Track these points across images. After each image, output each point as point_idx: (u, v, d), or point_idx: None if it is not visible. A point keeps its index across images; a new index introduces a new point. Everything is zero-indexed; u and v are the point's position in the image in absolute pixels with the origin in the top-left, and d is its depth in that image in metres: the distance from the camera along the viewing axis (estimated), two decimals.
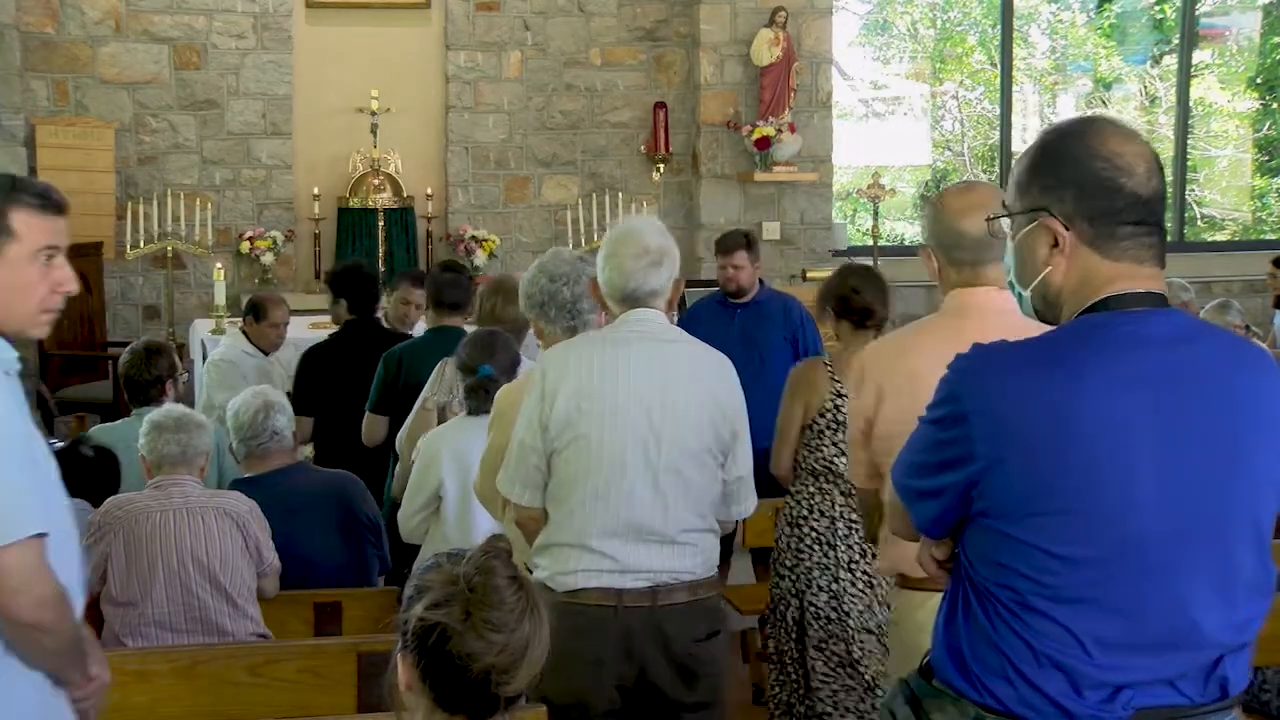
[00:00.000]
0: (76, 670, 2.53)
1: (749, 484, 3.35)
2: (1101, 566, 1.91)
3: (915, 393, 2.27)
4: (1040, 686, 1.94)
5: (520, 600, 1.88)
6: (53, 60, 8.69)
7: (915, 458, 2.08)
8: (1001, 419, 1.93)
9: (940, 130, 12.87)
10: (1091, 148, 1.98)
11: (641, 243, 3.19)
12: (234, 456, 4.55)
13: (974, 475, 1.96)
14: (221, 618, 3.87)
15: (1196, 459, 1.92)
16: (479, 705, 1.87)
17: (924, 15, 12.92)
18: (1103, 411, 1.90)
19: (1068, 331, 2.00)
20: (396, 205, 9.02)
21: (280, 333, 6.35)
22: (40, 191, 2.48)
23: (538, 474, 3.18)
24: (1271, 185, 12.35)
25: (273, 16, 8.96)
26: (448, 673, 1.85)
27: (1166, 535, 1.91)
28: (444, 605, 1.86)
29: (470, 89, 9.28)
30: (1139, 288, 1.98)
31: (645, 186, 9.44)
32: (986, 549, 1.99)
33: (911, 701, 2.10)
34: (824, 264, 9.05)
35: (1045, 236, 2.02)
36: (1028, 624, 1.95)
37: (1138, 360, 1.93)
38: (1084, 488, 1.90)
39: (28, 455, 2.39)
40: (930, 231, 2.94)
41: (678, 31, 9.42)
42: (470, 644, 1.84)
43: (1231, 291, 9.02)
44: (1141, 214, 1.98)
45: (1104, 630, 1.92)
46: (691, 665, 3.22)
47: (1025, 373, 1.94)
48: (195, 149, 8.94)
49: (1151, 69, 12.26)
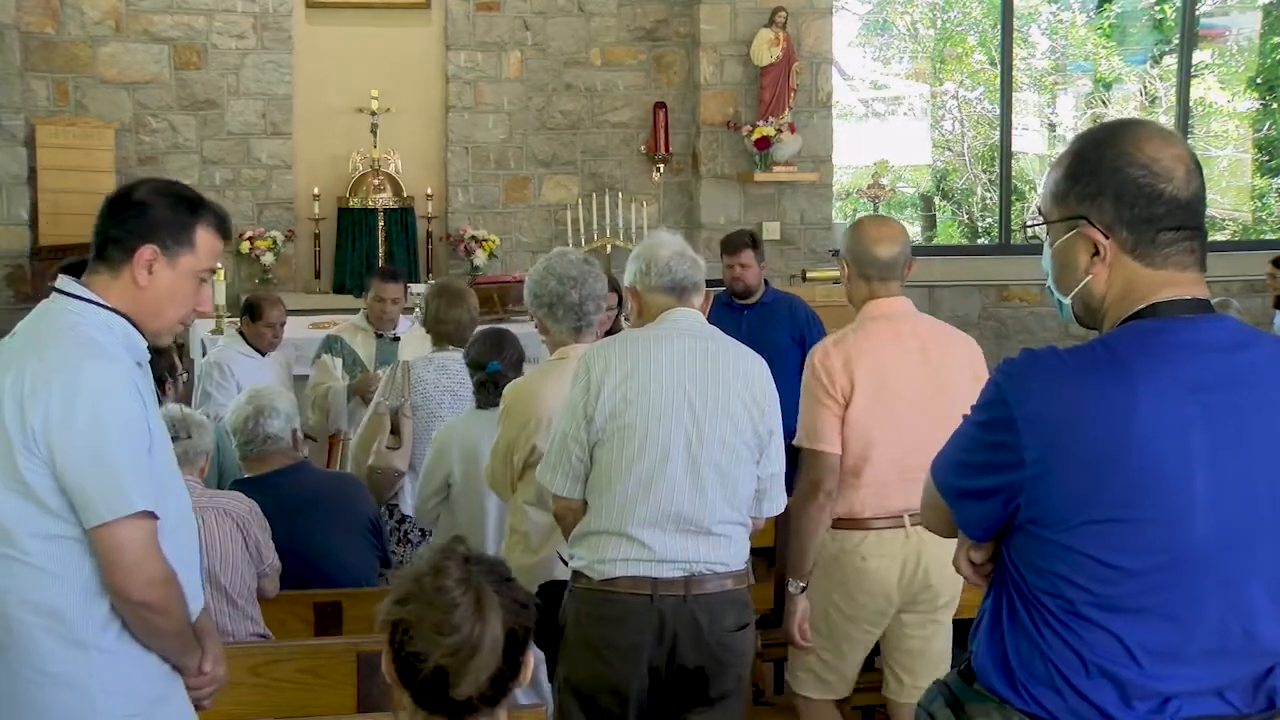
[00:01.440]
0: (191, 657, 2.63)
1: (780, 482, 3.43)
2: (1155, 575, 1.89)
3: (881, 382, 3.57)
4: (1089, 696, 1.93)
5: (469, 601, 1.87)
6: (53, 60, 8.69)
7: (959, 456, 2.05)
8: (1052, 426, 1.90)
9: (940, 130, 12.87)
10: (1128, 154, 1.95)
11: (678, 246, 3.41)
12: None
13: (1021, 482, 1.93)
14: (221, 618, 3.87)
15: (1253, 465, 1.89)
16: (447, 705, 1.88)
17: (924, 15, 12.92)
18: (1158, 418, 1.87)
19: (1119, 338, 1.96)
20: (396, 205, 9.02)
21: (276, 333, 6.34)
22: (221, 216, 2.68)
23: (580, 465, 3.25)
24: (1271, 185, 12.35)
25: (273, 16, 8.96)
26: (409, 671, 1.88)
27: (1222, 543, 1.88)
28: (405, 603, 1.89)
29: (470, 89, 9.28)
30: (1185, 294, 1.95)
31: (645, 186, 9.44)
32: (1035, 557, 1.96)
33: (952, 704, 2.09)
34: (824, 264, 9.05)
35: (1085, 245, 1.99)
36: (1077, 633, 1.92)
37: (1193, 366, 1.90)
38: (1139, 496, 1.87)
39: (143, 441, 2.50)
40: (847, 249, 3.75)
41: (678, 31, 9.42)
42: (420, 643, 1.86)
43: (1231, 291, 9.01)
44: (1182, 219, 1.95)
45: (1155, 640, 1.90)
46: (721, 655, 3.28)
47: (1077, 379, 1.91)
48: (195, 149, 8.95)
49: (1151, 69, 12.26)
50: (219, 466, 4.85)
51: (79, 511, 2.46)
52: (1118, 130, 2.01)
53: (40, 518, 2.46)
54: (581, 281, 3.65)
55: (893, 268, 3.67)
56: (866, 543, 3.63)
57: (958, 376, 3.61)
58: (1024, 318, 9.88)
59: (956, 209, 13.01)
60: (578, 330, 3.68)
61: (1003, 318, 9.87)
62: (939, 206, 13.09)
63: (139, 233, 2.61)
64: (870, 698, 4.62)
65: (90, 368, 2.47)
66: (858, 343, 3.63)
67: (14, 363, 2.50)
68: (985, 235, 12.02)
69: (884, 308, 3.69)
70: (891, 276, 3.68)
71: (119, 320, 2.58)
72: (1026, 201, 11.56)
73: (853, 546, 3.64)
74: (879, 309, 3.69)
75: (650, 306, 3.37)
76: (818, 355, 3.66)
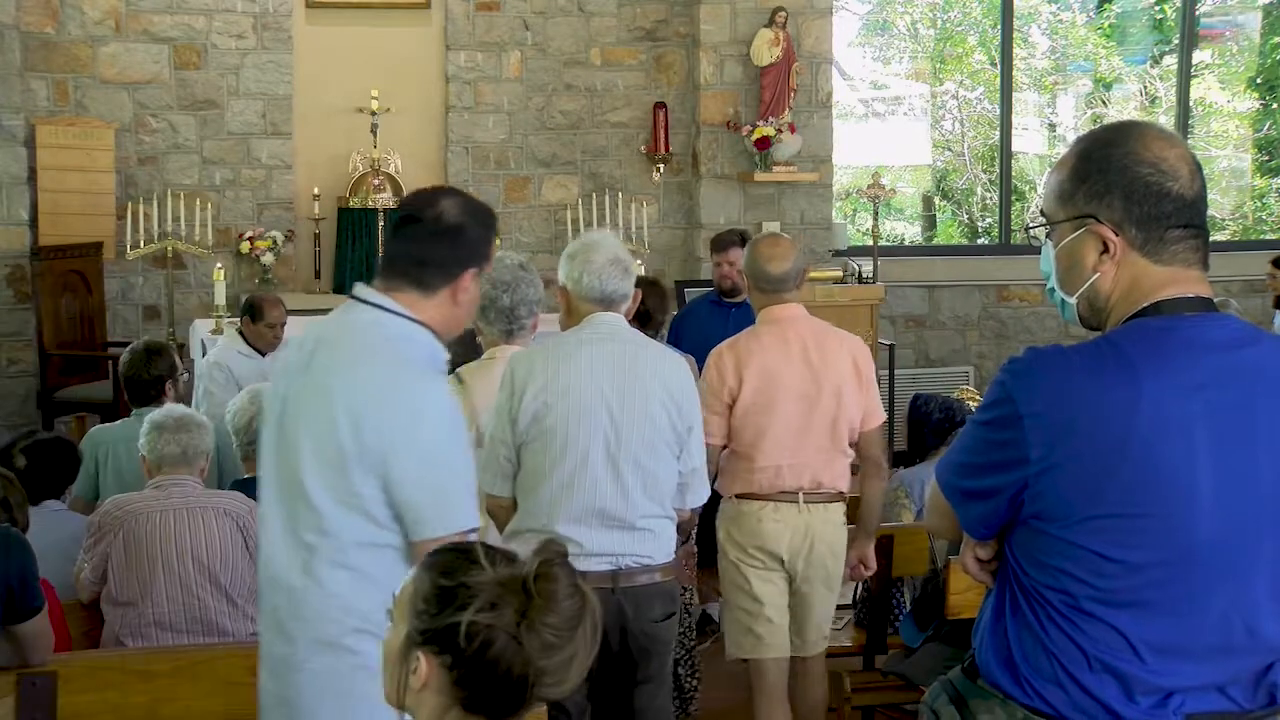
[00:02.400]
0: None
1: (702, 475, 3.71)
2: (1158, 570, 1.90)
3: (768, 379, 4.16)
4: (1092, 691, 1.94)
5: (577, 607, 1.83)
6: (53, 60, 8.69)
7: (964, 458, 2.07)
8: (1058, 422, 1.92)
9: (940, 130, 12.86)
10: (1136, 153, 1.98)
11: (612, 253, 3.57)
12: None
13: (1027, 478, 1.94)
14: (221, 618, 3.88)
15: (1255, 462, 1.91)
16: (507, 708, 1.81)
17: (924, 15, 12.91)
18: (1163, 415, 1.88)
19: (1124, 335, 1.98)
20: (396, 205, 9.01)
21: (277, 333, 6.34)
22: (497, 226, 2.84)
23: (508, 465, 3.48)
24: (1271, 185, 12.35)
25: (273, 16, 8.96)
26: (486, 677, 1.77)
27: (1226, 539, 1.90)
28: (496, 608, 1.77)
29: (470, 89, 9.28)
30: (1189, 292, 1.98)
31: (645, 186, 9.44)
32: (1038, 552, 1.98)
33: (956, 701, 2.10)
34: (824, 264, 9.05)
35: (1094, 243, 2.01)
36: (1080, 627, 1.94)
37: (1198, 364, 1.92)
38: (1143, 492, 1.89)
39: (470, 458, 2.70)
40: (745, 266, 4.40)
41: (678, 31, 9.42)
42: (521, 650, 1.77)
43: (1231, 291, 9.02)
44: (1188, 217, 1.98)
45: (1158, 635, 1.91)
46: (646, 644, 3.55)
47: (1082, 376, 1.93)
48: (195, 149, 8.94)
49: (1151, 69, 12.25)
50: (219, 466, 4.85)
51: (409, 525, 2.56)
52: (1123, 130, 2.04)
53: (366, 527, 2.57)
54: (514, 286, 3.77)
55: (784, 281, 4.24)
56: (765, 510, 4.19)
57: (839, 370, 4.20)
58: (1024, 318, 9.88)
59: (956, 209, 13.00)
60: (509, 333, 3.81)
61: (1003, 318, 9.88)
62: (939, 206, 13.09)
63: (462, 259, 2.71)
64: (870, 698, 4.63)
65: (429, 388, 2.59)
66: (748, 345, 4.23)
67: (339, 373, 2.58)
68: (985, 235, 12.02)
69: (775, 314, 4.26)
70: (783, 289, 4.25)
71: (425, 334, 2.67)
72: (1026, 201, 11.56)
73: (752, 511, 4.21)
74: (771, 315, 4.27)
75: (578, 310, 3.58)
76: (713, 358, 4.25)
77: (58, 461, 4.47)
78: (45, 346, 8.15)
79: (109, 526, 3.95)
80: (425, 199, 2.78)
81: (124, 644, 3.88)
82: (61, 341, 8.21)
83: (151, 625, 3.88)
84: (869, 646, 4.73)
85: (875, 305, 8.51)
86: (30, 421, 8.07)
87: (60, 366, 8.24)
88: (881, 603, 4.70)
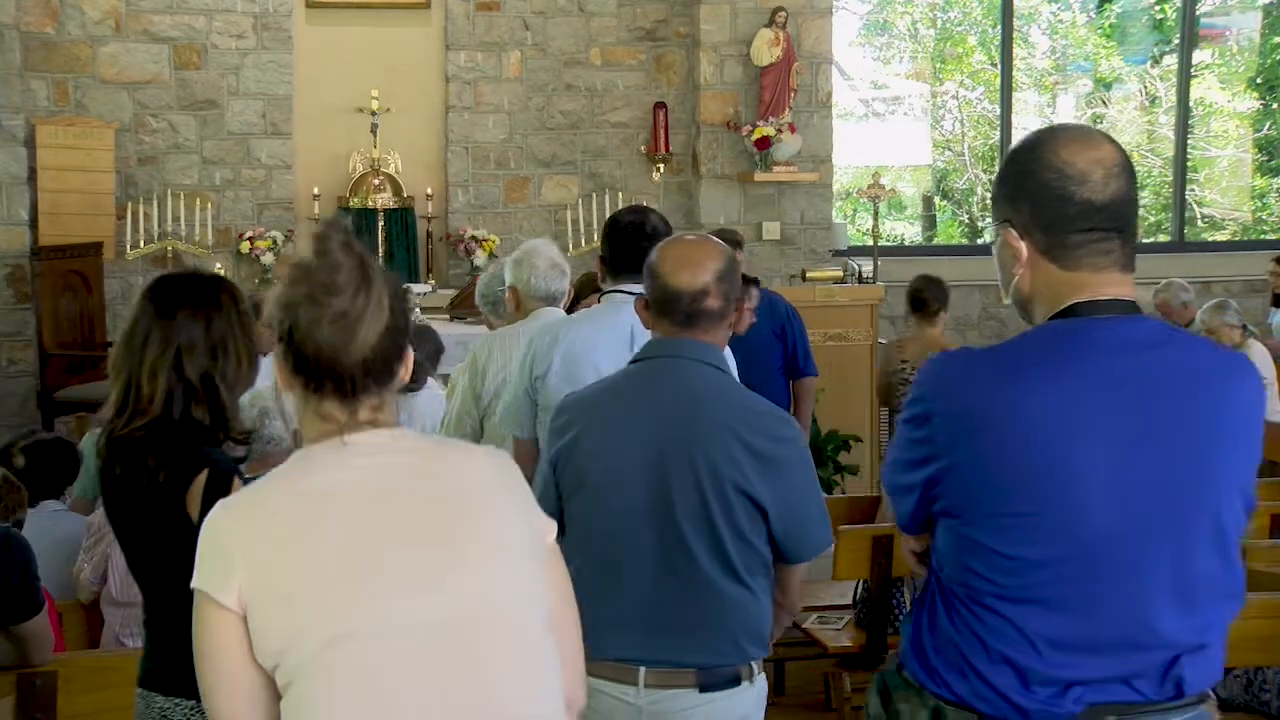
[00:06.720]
0: None
1: None
2: (1055, 569, 1.95)
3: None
4: (990, 680, 1.99)
5: (353, 263, 1.85)
6: (53, 60, 8.69)
7: (894, 455, 2.14)
8: (961, 422, 1.98)
9: (940, 130, 12.87)
10: (1043, 159, 2.01)
11: (551, 258, 4.11)
12: None
13: (936, 475, 2.02)
14: None
15: (1156, 463, 1.94)
16: (339, 381, 1.85)
17: (924, 15, 12.92)
18: (1059, 417, 1.93)
19: (1032, 338, 2.04)
20: (396, 205, 9.02)
21: None
22: None
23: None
24: (1271, 185, 12.35)
25: (273, 16, 8.96)
26: (300, 353, 1.85)
27: (1122, 539, 1.93)
28: (294, 283, 1.86)
29: (470, 89, 9.28)
30: (1103, 295, 2.00)
31: (645, 186, 9.44)
32: (947, 547, 2.06)
33: (882, 693, 2.17)
34: (824, 264, 9.05)
35: (1009, 247, 2.07)
36: (981, 620, 1.99)
37: (1102, 365, 1.95)
38: (1038, 492, 1.93)
39: None
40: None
41: (678, 31, 9.42)
42: (309, 311, 1.83)
43: (1231, 292, 9.02)
44: (1095, 221, 1.99)
45: (1054, 630, 1.96)
46: None
47: (984, 377, 1.99)
48: (195, 149, 8.94)
49: (1151, 69, 12.26)
50: None
51: None
52: (1040, 136, 2.08)
53: None
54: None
55: None
56: None
57: None
58: None
59: (956, 209, 13.01)
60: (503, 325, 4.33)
61: (1003, 317, 9.87)
62: (939, 206, 13.09)
63: None
64: None
65: None
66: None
67: None
68: (985, 235, 12.03)
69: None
70: None
71: None
72: None
73: None
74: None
75: (525, 306, 4.16)
76: None
77: (58, 461, 4.47)
78: (45, 346, 8.15)
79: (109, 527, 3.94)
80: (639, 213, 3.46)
81: (124, 644, 3.87)
82: (61, 341, 8.21)
83: None
84: (869, 646, 4.73)
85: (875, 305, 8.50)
86: (30, 421, 8.07)
87: (60, 366, 8.24)
88: (881, 603, 4.70)
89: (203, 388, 2.56)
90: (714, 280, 2.79)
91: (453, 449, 2.07)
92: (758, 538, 2.73)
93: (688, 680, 2.72)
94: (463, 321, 7.61)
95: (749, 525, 2.71)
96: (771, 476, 2.71)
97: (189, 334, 2.57)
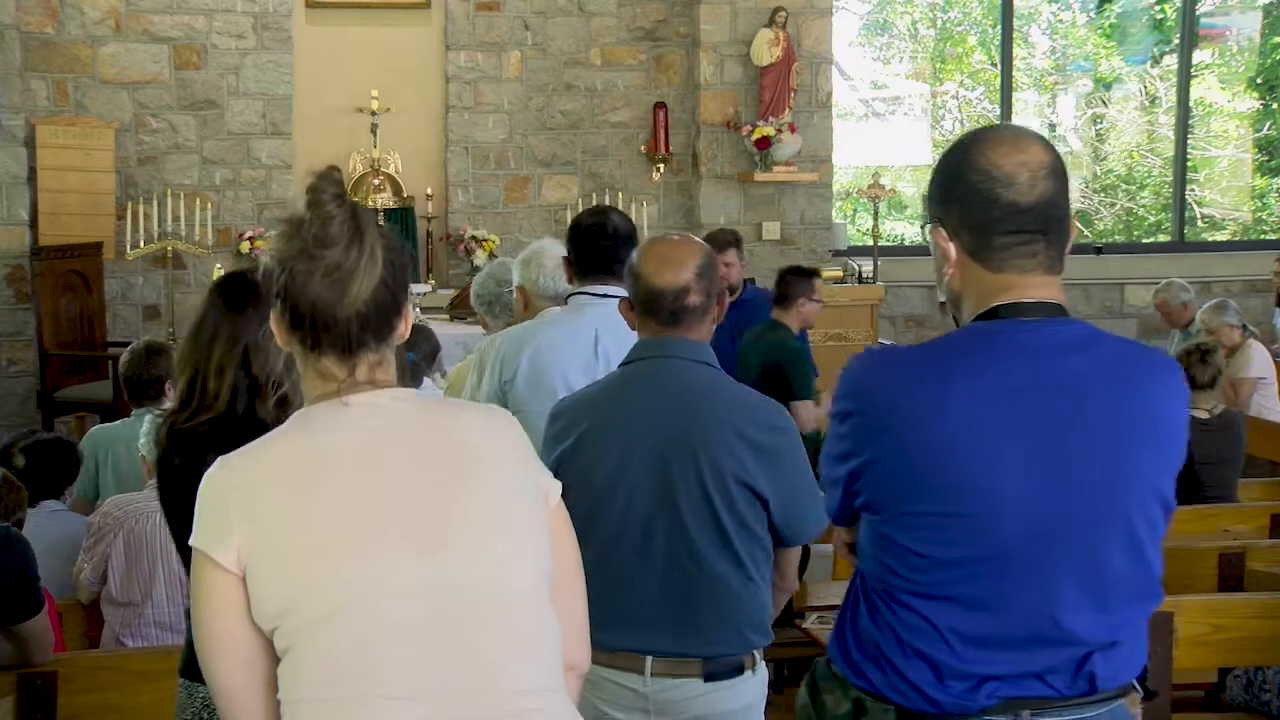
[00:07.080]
0: None
1: None
2: (966, 567, 1.97)
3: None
4: (906, 675, 2.01)
5: (345, 214, 1.84)
6: (53, 60, 8.69)
7: (825, 449, 2.17)
8: (877, 419, 2.01)
9: (940, 130, 12.87)
10: (971, 161, 2.03)
11: (559, 257, 3.95)
12: None
13: (857, 469, 2.04)
14: None
15: (1071, 464, 1.95)
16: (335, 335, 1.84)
17: (924, 15, 12.92)
18: (972, 417, 1.94)
19: (954, 338, 2.06)
20: (396, 205, 9.02)
21: None
22: None
23: None
24: (1271, 185, 12.35)
25: (273, 16, 8.96)
26: (295, 309, 1.84)
27: (1032, 539, 1.95)
28: (286, 238, 1.85)
29: (470, 89, 9.28)
30: (1029, 297, 2.01)
31: (645, 186, 9.44)
32: (866, 543, 2.09)
33: (811, 685, 2.20)
34: (824, 264, 9.04)
35: (940, 246, 2.09)
36: (897, 615, 2.02)
37: (1021, 368, 1.97)
38: (950, 491, 1.95)
39: None
40: None
41: (678, 31, 9.42)
42: (303, 264, 1.82)
43: (1231, 292, 9.02)
44: (1021, 223, 2.00)
45: (966, 626, 1.98)
46: None
47: (903, 376, 2.01)
48: (195, 149, 8.94)
49: (1151, 69, 12.26)
50: None
51: None
52: (970, 138, 2.09)
53: None
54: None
55: None
56: None
57: None
58: None
59: None
60: (508, 323, 4.19)
61: None
62: None
63: None
64: None
65: None
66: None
67: None
68: None
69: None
70: None
71: None
72: None
73: None
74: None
75: (534, 306, 4.04)
76: None
77: (58, 461, 4.47)
78: (45, 346, 8.15)
79: (109, 527, 3.95)
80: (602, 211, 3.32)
81: (124, 644, 3.88)
82: (61, 341, 8.21)
83: (151, 625, 3.88)
84: None
85: (875, 305, 8.52)
86: (30, 421, 8.07)
87: (60, 366, 8.24)
88: None
89: (269, 386, 2.56)
90: (694, 277, 2.87)
91: (455, 408, 2.07)
92: (760, 526, 2.81)
93: (694, 670, 2.78)
94: (462, 322, 7.61)
95: (751, 516, 2.78)
96: (770, 466, 2.79)
97: (257, 331, 2.55)
